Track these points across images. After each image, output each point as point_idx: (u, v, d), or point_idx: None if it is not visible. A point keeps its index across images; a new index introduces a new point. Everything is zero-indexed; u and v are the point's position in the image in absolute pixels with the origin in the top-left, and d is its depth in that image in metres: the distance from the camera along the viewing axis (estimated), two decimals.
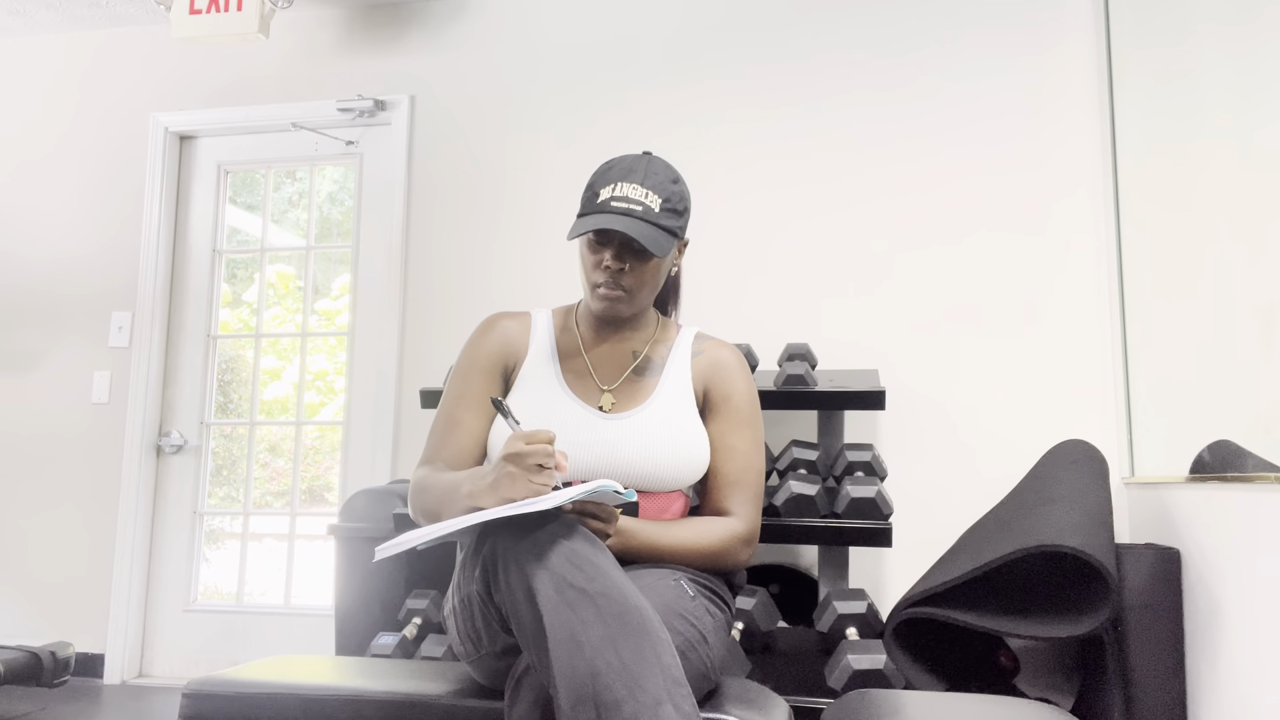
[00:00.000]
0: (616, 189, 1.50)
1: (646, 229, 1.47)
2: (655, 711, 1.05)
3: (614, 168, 1.53)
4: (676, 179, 1.54)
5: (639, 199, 1.49)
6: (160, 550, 3.39)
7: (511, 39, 3.30)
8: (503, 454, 1.27)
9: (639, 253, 1.51)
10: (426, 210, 3.29)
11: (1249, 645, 1.83)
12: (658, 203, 1.49)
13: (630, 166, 1.52)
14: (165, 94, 3.54)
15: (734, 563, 1.53)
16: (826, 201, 2.97)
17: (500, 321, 1.63)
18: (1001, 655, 2.45)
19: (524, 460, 1.24)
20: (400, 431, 3.19)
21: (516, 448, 1.25)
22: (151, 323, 3.42)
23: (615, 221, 1.46)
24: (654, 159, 1.55)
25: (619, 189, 1.50)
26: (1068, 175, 2.82)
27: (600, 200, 1.50)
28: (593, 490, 1.23)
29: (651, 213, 1.48)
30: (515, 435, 1.27)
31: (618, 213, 1.48)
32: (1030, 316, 2.80)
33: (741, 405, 1.59)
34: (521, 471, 1.25)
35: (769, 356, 2.94)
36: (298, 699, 1.38)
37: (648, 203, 1.49)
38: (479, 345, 1.61)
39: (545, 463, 1.24)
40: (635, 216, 1.47)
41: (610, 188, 1.50)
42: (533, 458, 1.24)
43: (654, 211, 1.48)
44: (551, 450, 1.25)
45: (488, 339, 1.61)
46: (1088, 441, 2.54)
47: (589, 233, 1.51)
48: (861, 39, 3.01)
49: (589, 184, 1.54)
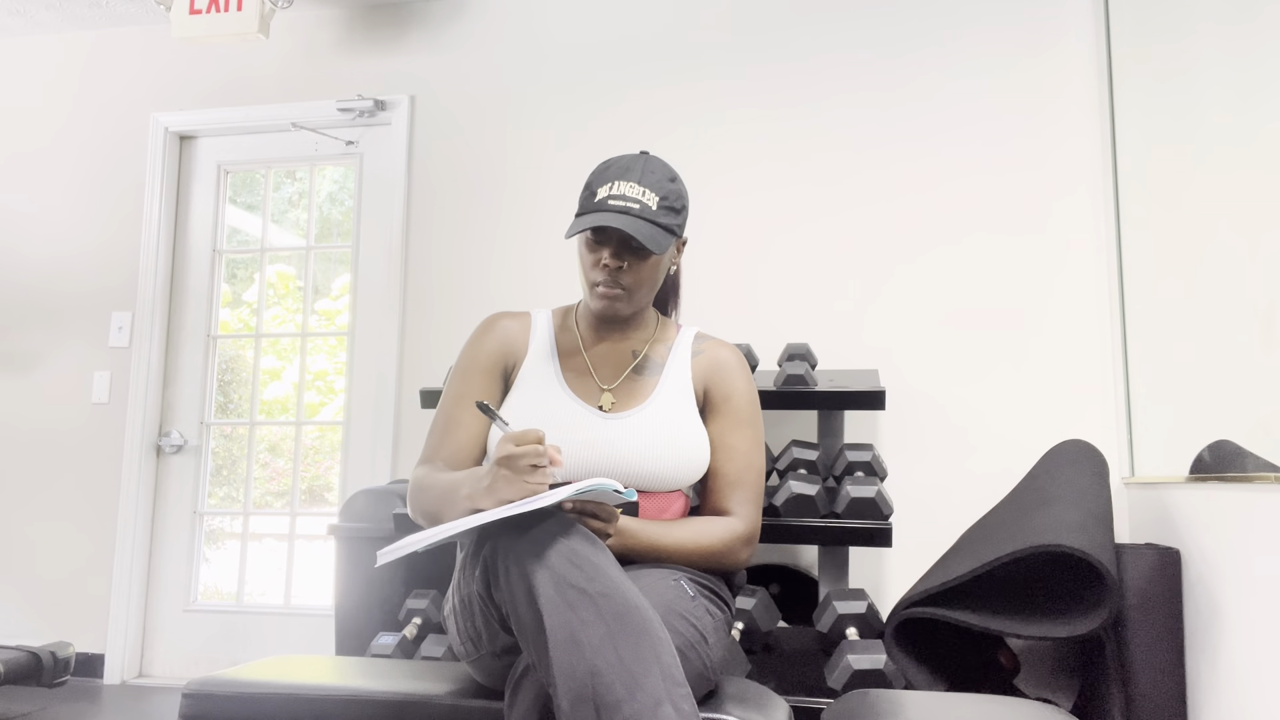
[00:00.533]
0: (614, 188, 1.50)
1: (644, 226, 1.47)
2: (654, 711, 1.05)
3: (611, 167, 1.53)
4: (674, 177, 1.54)
5: (636, 197, 1.49)
6: (160, 550, 3.39)
7: (512, 39, 3.30)
8: (495, 457, 1.27)
9: (637, 250, 1.51)
10: (426, 210, 3.29)
11: (1249, 645, 1.83)
12: (655, 200, 1.49)
13: (627, 165, 1.52)
14: (165, 94, 3.55)
15: (735, 562, 1.53)
16: (827, 202, 2.97)
17: (500, 321, 1.64)
18: (1001, 655, 2.45)
19: (516, 462, 1.24)
20: (400, 431, 3.19)
21: (507, 450, 1.26)
22: (151, 323, 3.42)
23: (613, 219, 1.46)
24: (651, 158, 1.55)
25: (616, 188, 1.50)
26: (1068, 175, 2.82)
27: (597, 199, 1.50)
28: (590, 487, 1.23)
29: (649, 210, 1.48)
30: (505, 437, 1.27)
31: (615, 211, 1.48)
32: (1030, 316, 2.80)
33: (741, 405, 1.59)
34: (515, 474, 1.25)
35: (769, 356, 2.94)
36: (298, 699, 1.38)
37: (645, 201, 1.49)
38: (479, 345, 1.61)
39: (537, 462, 1.25)
40: (633, 214, 1.47)
41: (607, 186, 1.51)
42: (525, 459, 1.24)
43: (651, 209, 1.49)
44: (542, 450, 1.25)
45: (487, 339, 1.61)
46: (1088, 441, 2.53)
47: (587, 231, 1.51)
48: (862, 39, 3.01)
49: (586, 184, 1.54)
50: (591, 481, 1.24)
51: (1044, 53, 2.88)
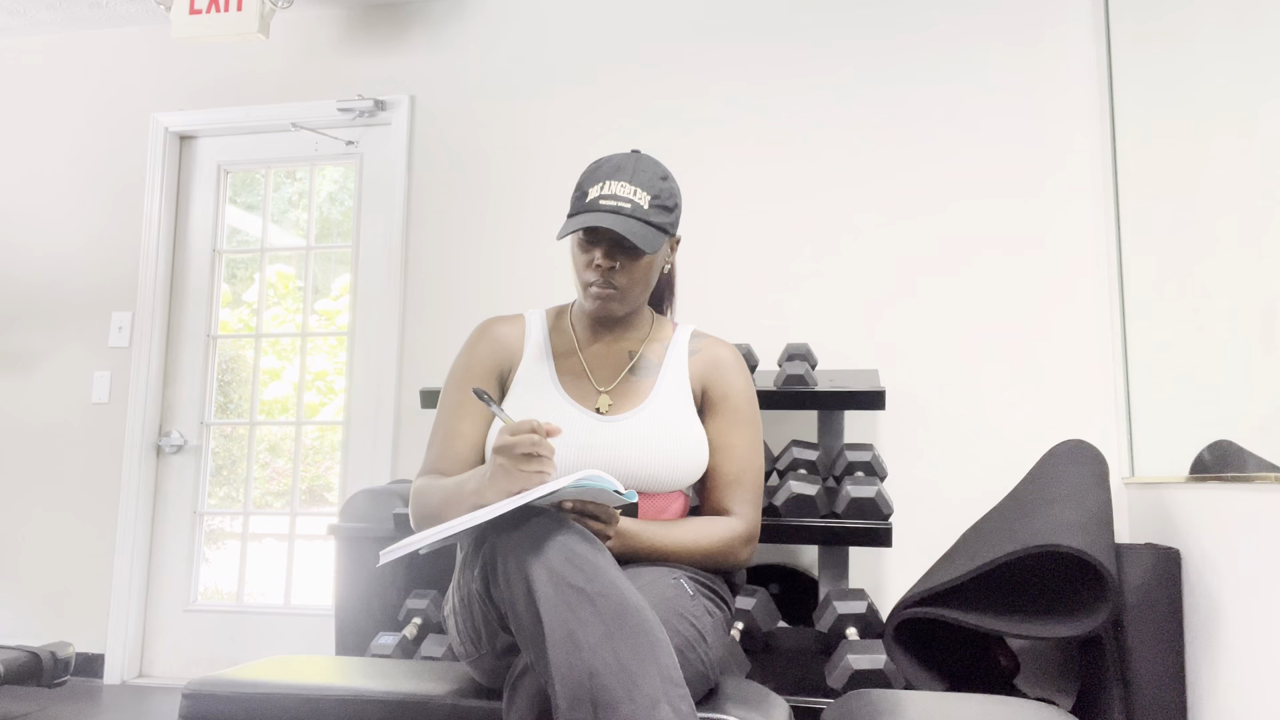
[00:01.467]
0: (604, 187, 1.49)
1: (636, 226, 1.46)
2: (652, 712, 1.05)
3: (601, 166, 1.52)
4: (665, 175, 1.53)
5: (627, 196, 1.48)
6: (160, 550, 3.39)
7: (512, 39, 3.30)
8: (494, 448, 1.28)
9: (629, 250, 1.50)
10: (426, 210, 3.29)
11: (1249, 645, 1.83)
12: (646, 199, 1.48)
13: (618, 165, 1.51)
14: (165, 94, 3.55)
15: (735, 562, 1.53)
16: (827, 203, 2.97)
17: (493, 327, 1.62)
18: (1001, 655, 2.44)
19: (511, 451, 1.26)
20: (400, 431, 3.19)
21: (503, 440, 1.27)
22: (151, 323, 3.42)
23: (604, 219, 1.45)
24: (642, 156, 1.54)
25: (607, 187, 1.49)
26: (1069, 175, 2.82)
27: (588, 199, 1.49)
28: (589, 478, 1.23)
29: (640, 209, 1.47)
30: (503, 429, 1.28)
31: (606, 210, 1.47)
32: (1030, 316, 2.80)
33: (740, 404, 1.58)
34: (511, 462, 1.26)
35: (769, 356, 2.94)
36: (298, 699, 1.38)
37: (636, 200, 1.48)
38: (473, 352, 1.60)
39: (532, 451, 1.25)
40: (624, 214, 1.46)
41: (598, 186, 1.49)
42: (519, 447, 1.25)
43: (643, 208, 1.47)
44: (538, 438, 1.25)
45: (481, 345, 1.60)
46: (1088, 442, 2.53)
47: (578, 231, 1.50)
48: (862, 38, 3.01)
49: (578, 184, 1.53)
50: (590, 472, 1.24)
51: (1045, 53, 2.88)
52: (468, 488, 1.35)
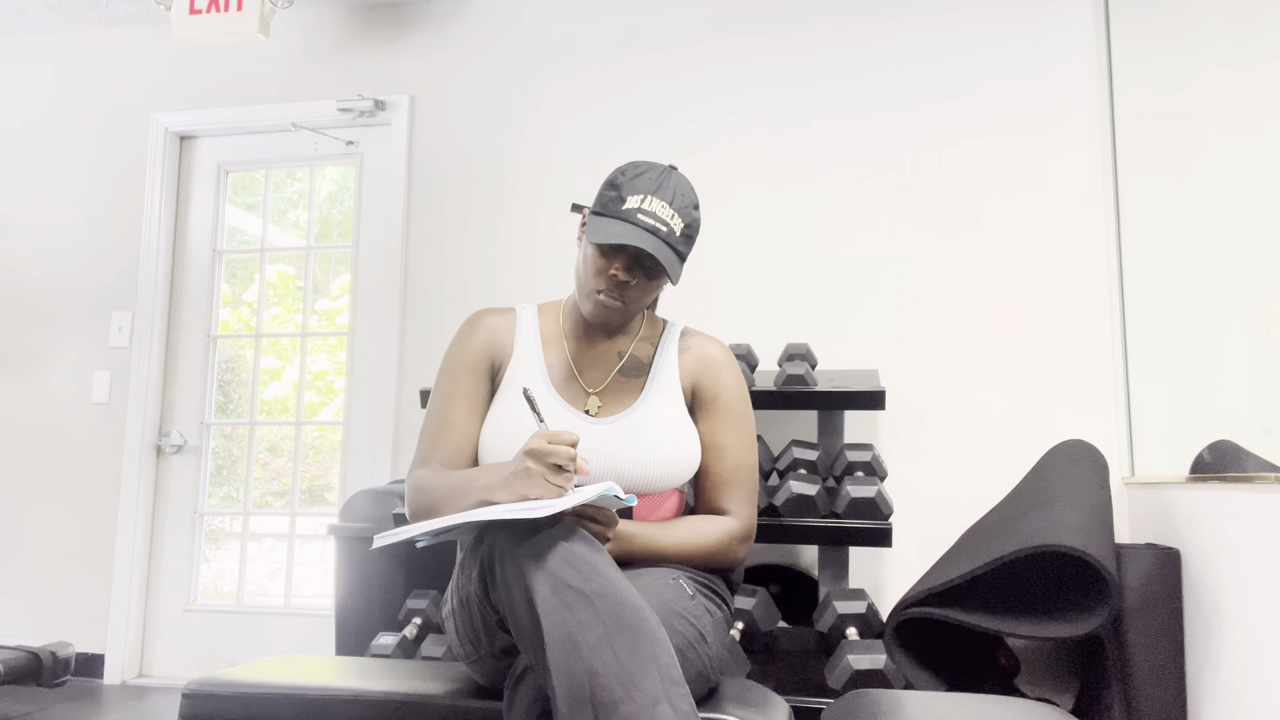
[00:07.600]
0: (645, 202, 1.46)
1: (668, 252, 1.45)
2: (652, 711, 1.05)
3: (643, 176, 1.48)
4: (697, 204, 1.51)
5: (666, 219, 1.45)
6: (160, 550, 3.39)
7: (512, 39, 3.30)
8: (525, 448, 1.26)
9: (649, 269, 1.48)
10: (426, 210, 3.29)
11: (1249, 645, 1.83)
12: (680, 226, 1.46)
13: (659, 181, 1.48)
14: (165, 94, 3.55)
15: (732, 560, 1.53)
16: (827, 202, 2.97)
17: (485, 319, 1.60)
18: (1001, 655, 2.44)
19: (545, 458, 1.23)
20: (400, 431, 3.19)
21: (539, 445, 1.24)
22: (151, 323, 3.42)
23: (643, 239, 1.42)
24: (679, 176, 1.51)
25: (648, 202, 1.46)
26: (1068, 174, 2.82)
27: (626, 207, 1.46)
28: (599, 495, 1.23)
29: (674, 236, 1.46)
30: (539, 433, 1.26)
31: (644, 228, 1.44)
32: (1030, 316, 2.80)
33: (731, 403, 1.57)
34: (540, 469, 1.24)
35: (769, 356, 2.94)
36: (298, 699, 1.38)
37: (672, 225, 1.46)
38: (465, 343, 1.58)
39: (566, 465, 1.23)
40: (660, 237, 1.44)
41: (639, 198, 1.46)
42: (554, 457, 1.23)
43: (675, 235, 1.46)
44: (574, 453, 1.24)
45: (473, 337, 1.58)
46: (1088, 441, 2.53)
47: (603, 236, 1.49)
48: (864, 40, 3.01)
49: (612, 183, 1.49)
50: (602, 486, 1.23)
51: (1045, 52, 2.88)
52: (478, 483, 1.33)
